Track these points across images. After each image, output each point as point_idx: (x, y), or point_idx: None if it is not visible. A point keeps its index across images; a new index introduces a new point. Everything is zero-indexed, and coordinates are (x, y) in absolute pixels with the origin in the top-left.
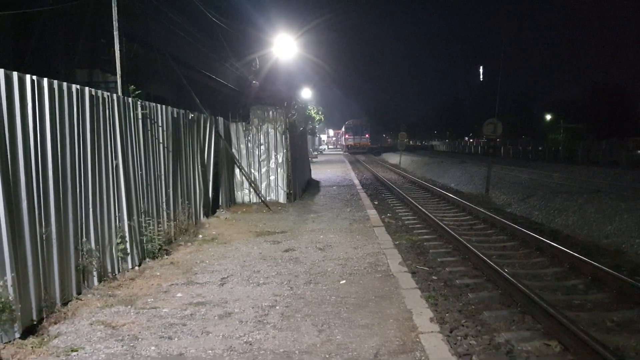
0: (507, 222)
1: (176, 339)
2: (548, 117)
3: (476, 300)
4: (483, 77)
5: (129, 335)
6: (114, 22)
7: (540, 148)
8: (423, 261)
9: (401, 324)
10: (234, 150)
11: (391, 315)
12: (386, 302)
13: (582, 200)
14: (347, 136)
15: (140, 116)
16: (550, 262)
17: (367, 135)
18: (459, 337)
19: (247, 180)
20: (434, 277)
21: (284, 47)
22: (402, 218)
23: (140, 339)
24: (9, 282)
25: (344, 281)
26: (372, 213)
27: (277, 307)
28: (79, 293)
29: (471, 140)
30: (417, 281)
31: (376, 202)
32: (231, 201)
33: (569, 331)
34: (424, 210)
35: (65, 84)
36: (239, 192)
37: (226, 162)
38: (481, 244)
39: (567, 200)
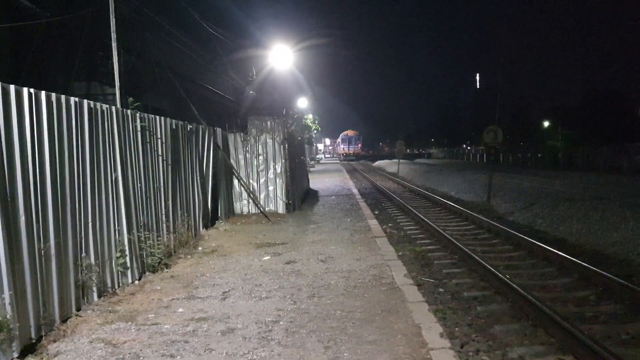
0: (511, 231)
1: (178, 357)
2: (546, 123)
3: (486, 313)
4: (480, 85)
5: (130, 353)
6: (112, 35)
7: (539, 155)
8: (428, 273)
9: (410, 340)
10: (232, 161)
11: (399, 330)
12: (393, 316)
13: (585, 208)
14: (342, 146)
15: (139, 128)
16: (559, 273)
17: (359, 145)
18: (471, 353)
19: (246, 191)
20: (440, 290)
21: (281, 57)
22: (404, 228)
23: (141, 358)
24: (7, 300)
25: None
26: (373, 223)
27: (281, 323)
28: (78, 309)
29: (469, 147)
30: (424, 294)
31: (376, 212)
32: (230, 212)
33: (584, 345)
34: (425, 219)
35: (63, 96)
36: (237, 203)
37: (225, 173)
38: (486, 254)
39: (570, 208)
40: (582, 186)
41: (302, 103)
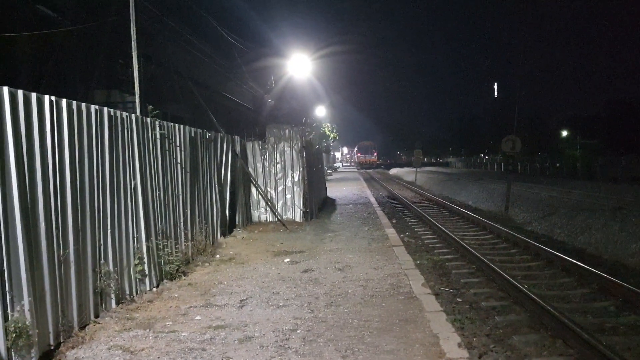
0: (529, 240)
1: None
2: (564, 133)
3: (504, 323)
4: (498, 94)
5: None
6: (132, 43)
7: (558, 164)
8: (446, 282)
9: (428, 350)
10: (250, 168)
11: (417, 340)
12: (411, 325)
13: (604, 218)
14: (359, 154)
15: (158, 136)
16: (577, 283)
17: (375, 154)
18: None
19: (264, 199)
20: (458, 299)
21: (299, 65)
22: (422, 237)
23: None
24: (26, 307)
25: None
26: (391, 232)
27: (299, 331)
28: (96, 316)
29: (486, 157)
30: (442, 303)
31: (394, 221)
32: (248, 220)
33: (604, 357)
34: (443, 228)
35: (83, 104)
36: (255, 211)
37: (243, 180)
38: (505, 264)
39: (589, 218)
40: (601, 196)
41: (320, 111)
